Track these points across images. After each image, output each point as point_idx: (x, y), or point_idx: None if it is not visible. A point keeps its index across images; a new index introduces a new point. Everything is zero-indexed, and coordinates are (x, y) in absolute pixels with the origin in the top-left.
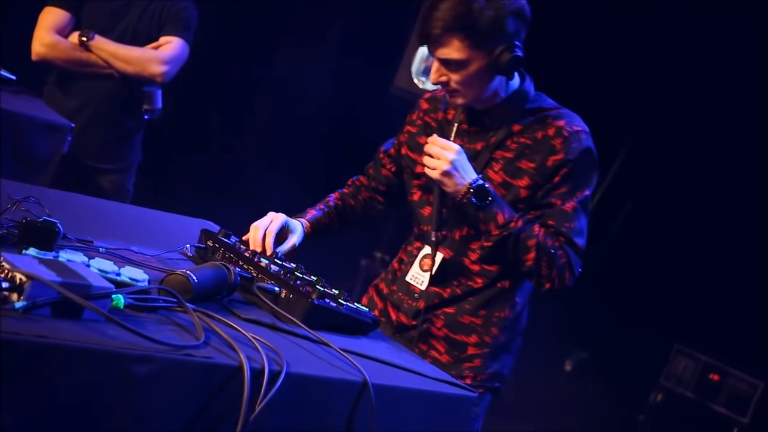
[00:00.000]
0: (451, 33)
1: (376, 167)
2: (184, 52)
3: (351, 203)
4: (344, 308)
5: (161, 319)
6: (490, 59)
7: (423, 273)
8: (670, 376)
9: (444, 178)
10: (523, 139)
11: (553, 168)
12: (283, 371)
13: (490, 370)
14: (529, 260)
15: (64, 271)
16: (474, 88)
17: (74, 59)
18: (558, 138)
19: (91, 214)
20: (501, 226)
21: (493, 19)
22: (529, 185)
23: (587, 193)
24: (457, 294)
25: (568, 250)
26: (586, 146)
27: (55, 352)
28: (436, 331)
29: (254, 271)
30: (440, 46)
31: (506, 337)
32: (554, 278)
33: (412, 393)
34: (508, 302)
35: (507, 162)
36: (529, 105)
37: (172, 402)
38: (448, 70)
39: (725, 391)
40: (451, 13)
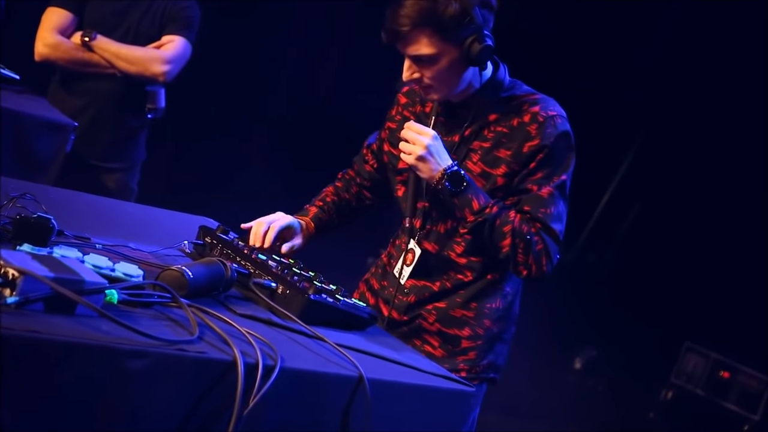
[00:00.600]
0: (419, 29)
1: (360, 163)
2: (187, 52)
3: (346, 197)
4: (341, 304)
5: (156, 315)
6: (461, 52)
7: (406, 267)
8: (680, 373)
9: (419, 163)
10: (500, 128)
11: (529, 154)
12: (278, 366)
13: (485, 362)
14: (506, 246)
15: (57, 266)
16: (447, 82)
17: (77, 59)
18: (533, 123)
19: (90, 212)
20: (476, 212)
21: (459, 10)
22: (506, 173)
23: (564, 178)
24: (447, 287)
25: (544, 237)
26: (561, 130)
27: (48, 347)
28: (428, 326)
29: (251, 267)
30: (409, 44)
31: (499, 328)
32: (531, 265)
33: (408, 388)
34: (499, 293)
35: (485, 152)
36: (503, 93)
37: (166, 397)
38: (420, 66)
39: (735, 388)
40: (417, 9)
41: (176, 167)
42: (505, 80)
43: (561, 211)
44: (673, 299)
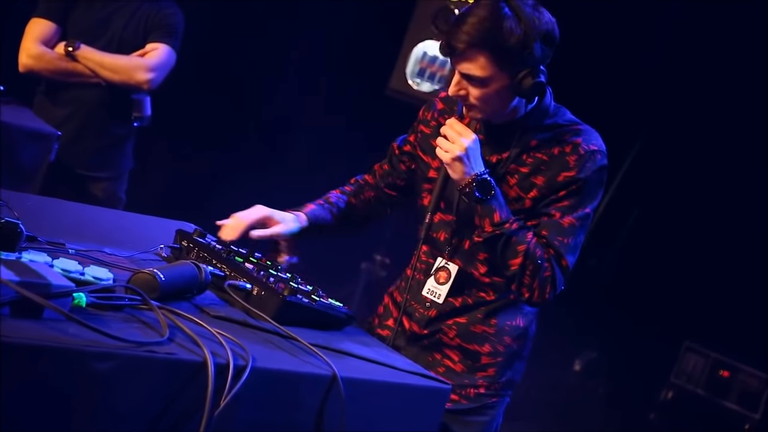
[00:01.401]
0: (477, 49)
1: (393, 163)
2: (171, 59)
3: (352, 202)
4: (317, 304)
5: (127, 318)
6: (512, 81)
7: (440, 286)
8: (680, 373)
9: (454, 162)
10: (540, 155)
11: (562, 183)
12: (249, 366)
13: (503, 379)
14: (515, 265)
15: (23, 270)
16: (492, 106)
17: (61, 69)
18: (574, 155)
19: (68, 218)
20: (495, 225)
21: (521, 41)
22: (536, 197)
23: (588, 211)
24: (468, 304)
25: (554, 265)
26: (599, 166)
27: (12, 350)
28: (448, 340)
29: (228, 269)
30: (464, 61)
31: (519, 345)
32: (535, 289)
33: (383, 386)
34: (519, 311)
35: (522, 177)
36: (547, 120)
37: (135, 399)
38: (469, 84)
39: (736, 387)
40: (480, 29)
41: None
42: (551, 106)
43: (578, 243)
44: (672, 299)
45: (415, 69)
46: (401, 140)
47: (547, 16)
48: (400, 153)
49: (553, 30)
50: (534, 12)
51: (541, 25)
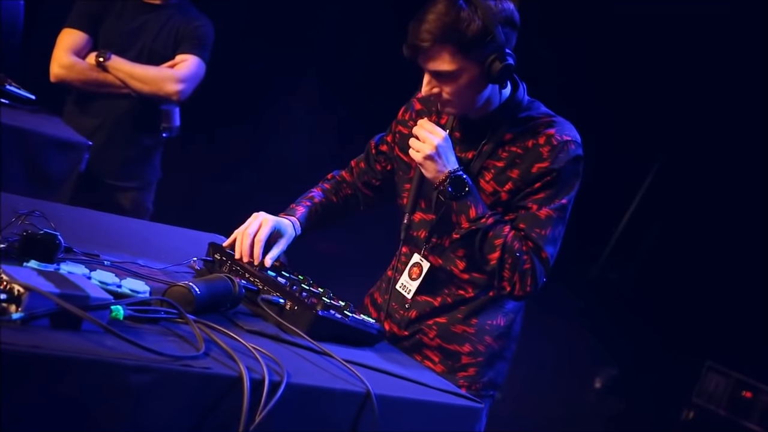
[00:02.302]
0: (440, 44)
1: (369, 162)
2: (200, 70)
3: (333, 200)
4: (350, 320)
5: (162, 331)
6: (481, 69)
7: (411, 281)
8: (701, 393)
9: (426, 161)
10: (514, 148)
11: (537, 174)
12: (284, 382)
13: (485, 379)
14: (493, 260)
15: (62, 282)
16: (467, 98)
17: (91, 80)
18: (547, 146)
19: (100, 229)
20: (471, 220)
21: (482, 28)
22: (511, 189)
23: (564, 201)
24: (447, 303)
25: (533, 257)
26: (573, 156)
27: (50, 362)
28: (428, 341)
29: (260, 283)
30: (430, 59)
31: (500, 345)
32: (515, 282)
33: (416, 404)
34: (500, 310)
35: (498, 171)
36: (521, 113)
37: (170, 413)
38: (440, 82)
39: (758, 407)
40: (439, 24)
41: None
42: (524, 100)
43: (557, 235)
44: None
45: None
46: (378, 139)
47: (504, 3)
48: (377, 153)
49: (512, 14)
50: (489, 0)
51: (499, 12)
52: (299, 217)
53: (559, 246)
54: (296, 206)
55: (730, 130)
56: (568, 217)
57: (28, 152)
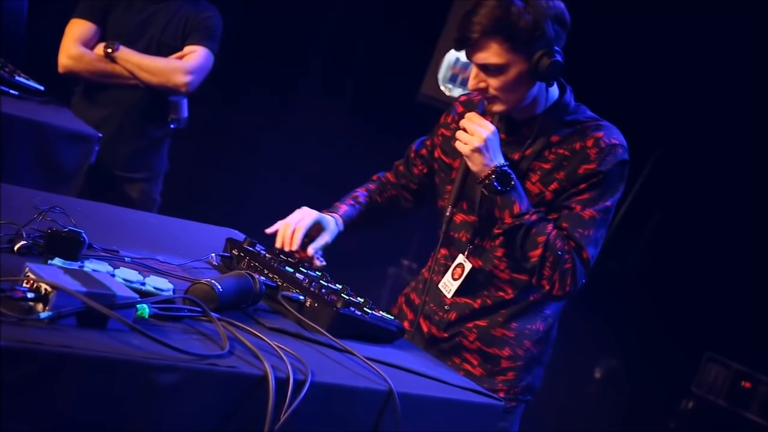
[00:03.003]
0: (489, 36)
1: (407, 165)
2: (209, 62)
3: (378, 200)
4: (369, 317)
5: (186, 329)
6: (529, 64)
7: (453, 281)
8: (701, 383)
9: (474, 154)
10: (562, 150)
11: (583, 175)
12: (308, 380)
13: (523, 383)
14: (535, 257)
15: (88, 281)
16: (513, 94)
17: (99, 71)
18: (595, 148)
19: (116, 224)
20: (515, 216)
21: (532, 22)
22: (556, 189)
23: (608, 204)
24: (487, 304)
25: (575, 257)
26: (620, 159)
27: (79, 361)
28: (468, 344)
29: (279, 279)
30: (479, 50)
31: (538, 350)
32: (555, 281)
33: (437, 402)
34: (540, 315)
35: (544, 173)
36: (568, 117)
37: (197, 412)
38: (487, 75)
39: (757, 398)
40: (490, 17)
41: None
42: (571, 103)
43: (599, 236)
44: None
45: (447, 75)
46: (419, 143)
47: (556, 1)
48: (415, 156)
49: (563, 13)
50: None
51: (549, 8)
52: (342, 214)
53: (599, 248)
54: (340, 204)
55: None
56: (610, 220)
57: (40, 145)
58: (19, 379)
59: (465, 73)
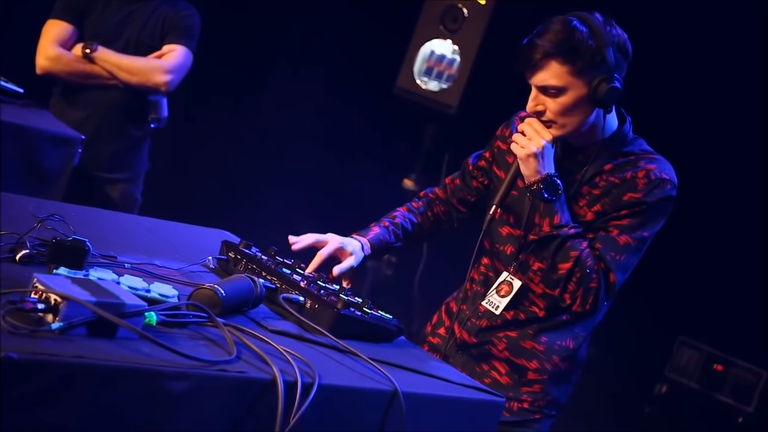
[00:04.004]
0: (550, 58)
1: (464, 178)
2: (188, 60)
3: (418, 220)
4: (369, 317)
5: (192, 335)
6: (588, 89)
7: (500, 299)
8: (674, 367)
9: (529, 158)
10: (613, 178)
11: (626, 203)
12: (316, 383)
13: (549, 397)
14: (563, 269)
15: (96, 290)
16: (570, 118)
17: (78, 71)
18: (644, 179)
19: (109, 228)
20: (554, 226)
21: (594, 48)
22: (599, 211)
23: (645, 235)
24: (520, 318)
25: (602, 278)
26: (667, 194)
27: (93, 371)
28: (497, 352)
29: (277, 281)
30: (538, 71)
31: (566, 367)
32: (578, 297)
33: (440, 400)
34: (570, 332)
35: (593, 198)
36: (625, 148)
37: (208, 418)
38: (546, 98)
39: (729, 381)
40: (554, 39)
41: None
42: (629, 135)
43: (629, 264)
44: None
45: (423, 67)
46: (475, 156)
47: (618, 30)
48: (474, 168)
49: (625, 43)
50: (605, 24)
51: (612, 36)
52: (371, 238)
53: (627, 275)
54: (373, 226)
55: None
56: (644, 253)
57: (24, 148)
58: (34, 390)
59: (440, 65)
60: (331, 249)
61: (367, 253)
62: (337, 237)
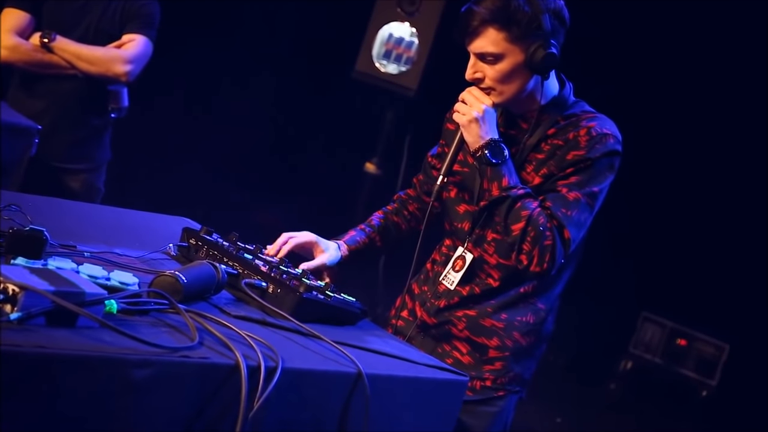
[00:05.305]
0: (488, 25)
1: (426, 171)
2: (148, 50)
3: (395, 220)
4: (332, 300)
5: (154, 322)
6: (525, 56)
7: (454, 273)
8: (638, 343)
9: (471, 124)
10: (556, 141)
11: (571, 161)
12: (279, 367)
13: (511, 374)
14: (516, 230)
15: (55, 279)
16: (509, 85)
17: (36, 61)
18: (586, 137)
19: (69, 218)
20: (503, 188)
21: (530, 15)
22: (545, 174)
23: (595, 190)
24: (475, 292)
25: (556, 235)
26: (610, 149)
27: (56, 361)
28: (457, 332)
29: (239, 267)
30: (476, 38)
31: (528, 342)
32: (534, 256)
33: (404, 380)
34: (531, 307)
35: (539, 163)
36: (566, 111)
37: (172, 404)
38: (484, 63)
39: (693, 355)
40: (491, 6)
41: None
42: (569, 99)
43: (582, 220)
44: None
45: (381, 51)
46: (434, 149)
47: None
48: (432, 158)
49: (561, 9)
50: None
51: (548, 3)
52: (346, 240)
53: (583, 233)
54: (350, 230)
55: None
56: (597, 209)
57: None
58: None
59: (399, 48)
60: (303, 239)
61: (344, 253)
62: (311, 234)
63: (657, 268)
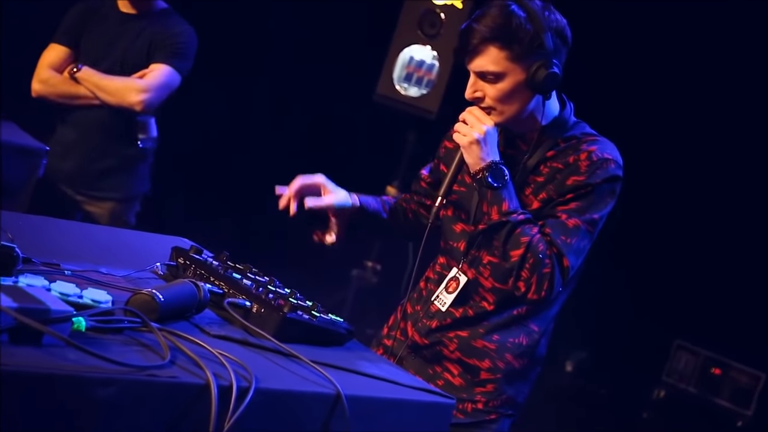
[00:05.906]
0: (487, 43)
1: (417, 182)
2: (171, 79)
3: (402, 205)
4: (318, 320)
5: (127, 341)
6: (527, 75)
7: (447, 295)
8: (671, 372)
9: (471, 146)
10: (556, 164)
11: (571, 187)
12: (252, 387)
13: (503, 396)
14: (515, 256)
15: (21, 296)
16: (510, 105)
17: (65, 93)
18: (586, 161)
19: (61, 237)
20: (503, 213)
21: (531, 33)
22: (543, 198)
23: (595, 217)
24: (468, 315)
25: (555, 263)
26: (611, 174)
27: (14, 378)
28: (449, 353)
29: (226, 286)
30: (476, 56)
31: (521, 364)
32: (532, 284)
33: (387, 402)
34: (524, 329)
35: (538, 186)
36: (566, 133)
37: (137, 424)
38: (485, 83)
39: (727, 384)
40: (490, 25)
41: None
42: (570, 120)
43: (581, 247)
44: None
45: (402, 74)
46: (428, 167)
47: (557, 15)
48: (426, 173)
49: (564, 28)
50: (544, 10)
51: (550, 21)
52: (359, 196)
53: (581, 260)
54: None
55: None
56: (597, 236)
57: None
58: None
59: (420, 71)
60: (313, 180)
61: (354, 202)
62: (324, 177)
63: (691, 295)
